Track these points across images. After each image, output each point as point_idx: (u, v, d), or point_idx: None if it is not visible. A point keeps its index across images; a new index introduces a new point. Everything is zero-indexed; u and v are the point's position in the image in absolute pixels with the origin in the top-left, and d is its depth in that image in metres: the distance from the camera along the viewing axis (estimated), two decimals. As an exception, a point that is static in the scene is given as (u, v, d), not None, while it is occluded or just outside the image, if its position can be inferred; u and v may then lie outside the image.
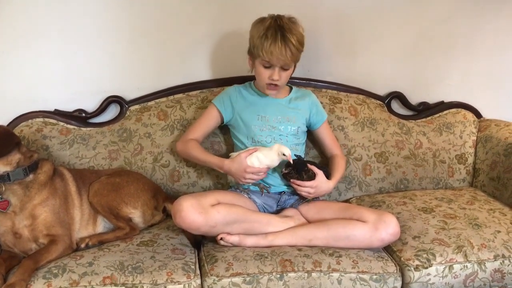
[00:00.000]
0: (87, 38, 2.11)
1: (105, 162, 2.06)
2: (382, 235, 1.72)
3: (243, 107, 1.97)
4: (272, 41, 1.81)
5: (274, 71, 1.86)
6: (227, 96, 2.00)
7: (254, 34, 1.87)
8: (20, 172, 1.67)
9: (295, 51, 1.84)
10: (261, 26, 1.86)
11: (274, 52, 1.81)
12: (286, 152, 1.80)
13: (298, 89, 2.07)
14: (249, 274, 1.60)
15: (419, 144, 2.26)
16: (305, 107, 2.01)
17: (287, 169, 1.86)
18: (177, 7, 2.15)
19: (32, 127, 2.05)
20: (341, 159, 2.05)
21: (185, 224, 1.68)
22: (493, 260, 1.71)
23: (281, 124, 1.95)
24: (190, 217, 1.66)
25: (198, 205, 1.68)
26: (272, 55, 1.82)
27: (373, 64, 2.35)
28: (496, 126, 2.28)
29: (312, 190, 1.87)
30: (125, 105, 2.16)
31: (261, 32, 1.84)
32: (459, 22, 2.34)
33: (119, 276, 1.54)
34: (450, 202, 2.01)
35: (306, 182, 1.85)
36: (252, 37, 1.89)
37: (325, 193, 1.95)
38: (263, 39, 1.82)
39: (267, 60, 1.84)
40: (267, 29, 1.83)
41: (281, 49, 1.80)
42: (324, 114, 2.07)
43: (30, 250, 1.69)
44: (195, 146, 1.96)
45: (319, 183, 1.87)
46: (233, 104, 1.98)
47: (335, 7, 2.25)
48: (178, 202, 1.69)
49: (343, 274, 1.63)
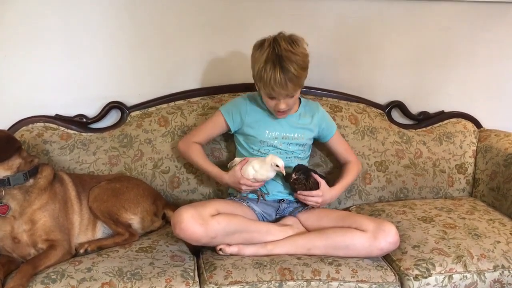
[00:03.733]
0: (89, 43, 2.12)
1: (105, 168, 2.06)
2: (381, 244, 1.72)
3: (252, 122, 1.94)
4: (272, 76, 1.74)
5: (279, 101, 1.82)
6: (236, 109, 1.95)
7: (254, 65, 1.82)
8: (20, 177, 1.67)
9: (297, 80, 1.78)
10: (260, 56, 1.79)
11: (275, 88, 1.76)
12: (279, 164, 1.79)
13: (307, 102, 2.04)
14: (248, 283, 1.59)
15: (419, 154, 2.27)
16: (314, 124, 1.99)
17: (297, 173, 1.83)
18: (179, 13, 2.16)
19: (33, 131, 2.06)
20: (353, 165, 2.04)
21: (185, 236, 1.67)
22: (492, 271, 1.71)
23: (288, 144, 1.94)
24: (190, 229, 1.65)
25: (198, 216, 1.66)
26: (274, 91, 1.77)
27: (373, 73, 2.36)
28: (496, 136, 2.29)
29: (320, 199, 1.87)
30: (126, 110, 2.17)
31: (260, 65, 1.77)
32: (459, 33, 2.36)
33: (118, 282, 1.54)
34: (449, 212, 2.01)
35: (313, 191, 1.85)
36: (253, 67, 1.83)
37: (330, 202, 1.95)
38: (263, 73, 1.76)
39: (270, 93, 1.81)
40: (266, 62, 1.76)
41: (281, 84, 1.75)
42: (334, 126, 2.05)
43: (29, 255, 1.68)
44: (198, 152, 1.96)
45: (324, 192, 1.88)
46: (242, 118, 1.94)
47: (336, 16, 2.26)
48: (178, 213, 1.67)
49: (342, 283, 1.63)
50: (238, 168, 1.85)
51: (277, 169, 1.80)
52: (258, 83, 1.84)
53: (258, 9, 2.19)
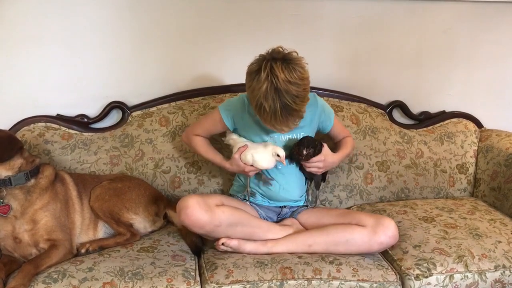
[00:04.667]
0: (90, 43, 2.13)
1: (106, 168, 2.06)
2: (381, 238, 1.72)
3: (247, 125, 1.85)
4: (272, 115, 1.63)
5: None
6: (233, 109, 1.87)
7: (252, 95, 1.66)
8: (21, 177, 1.67)
9: (298, 113, 1.66)
10: (257, 88, 1.62)
11: (276, 126, 1.67)
12: (281, 154, 1.76)
13: None
14: (249, 282, 1.59)
15: (420, 153, 2.26)
16: (313, 118, 1.90)
17: (308, 149, 1.77)
18: (180, 13, 2.16)
19: (34, 131, 2.06)
20: (349, 139, 2.01)
21: (190, 221, 1.67)
22: (493, 271, 1.71)
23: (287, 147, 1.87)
24: (196, 214, 1.65)
25: (204, 203, 1.68)
26: (275, 128, 1.69)
27: (375, 73, 2.36)
28: (497, 136, 2.29)
29: (321, 164, 1.82)
30: (127, 110, 2.17)
31: (259, 100, 1.62)
32: (460, 33, 2.36)
33: (119, 282, 1.54)
34: (451, 212, 2.01)
35: (315, 157, 1.80)
36: (250, 97, 1.68)
37: (331, 167, 1.91)
38: (262, 110, 1.64)
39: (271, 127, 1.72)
40: (265, 99, 1.60)
41: (282, 122, 1.65)
42: (332, 113, 1.97)
43: (30, 255, 1.69)
44: (199, 143, 1.94)
45: (325, 156, 1.83)
46: (235, 120, 1.87)
47: (337, 17, 2.26)
48: (184, 200, 1.69)
49: (343, 282, 1.63)
50: (237, 156, 1.81)
51: (278, 159, 1.78)
52: (257, 115, 1.71)
53: (259, 10, 2.19)
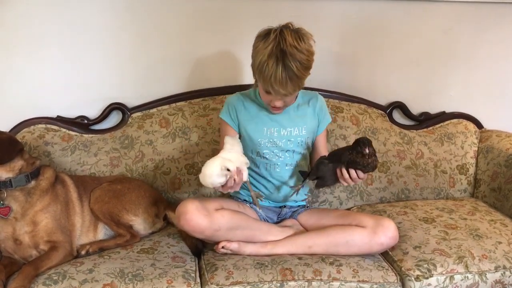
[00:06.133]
0: (90, 45, 2.13)
1: (106, 169, 2.06)
2: (381, 239, 1.72)
3: (247, 119, 1.86)
4: (273, 73, 1.63)
5: (276, 98, 1.73)
6: (232, 107, 1.88)
7: (256, 55, 1.69)
8: (22, 179, 1.67)
9: (298, 80, 1.68)
10: (263, 48, 1.66)
11: (274, 86, 1.66)
12: (231, 168, 1.60)
13: (305, 92, 1.93)
14: (249, 283, 1.59)
15: (420, 154, 2.26)
16: (314, 112, 1.90)
17: (370, 148, 1.62)
18: (180, 14, 2.16)
19: (34, 133, 2.06)
20: None
21: (189, 227, 1.66)
22: (494, 271, 1.71)
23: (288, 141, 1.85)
24: (195, 219, 1.65)
25: (203, 208, 1.67)
26: (273, 88, 1.67)
27: (375, 74, 2.37)
28: (497, 136, 2.29)
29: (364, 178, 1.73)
30: (127, 112, 2.17)
31: (263, 58, 1.65)
32: (460, 33, 2.36)
33: (119, 283, 1.54)
34: (451, 213, 2.01)
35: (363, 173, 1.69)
36: (254, 57, 1.71)
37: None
38: (264, 67, 1.65)
39: (268, 89, 1.71)
40: (269, 56, 1.64)
41: (281, 83, 1.65)
42: (328, 119, 1.95)
43: (30, 257, 1.69)
44: None
45: None
46: (238, 115, 1.87)
47: (338, 17, 2.26)
48: (183, 204, 1.68)
49: (343, 283, 1.63)
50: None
51: (228, 173, 1.61)
52: (257, 75, 1.72)
53: (259, 10, 2.19)
